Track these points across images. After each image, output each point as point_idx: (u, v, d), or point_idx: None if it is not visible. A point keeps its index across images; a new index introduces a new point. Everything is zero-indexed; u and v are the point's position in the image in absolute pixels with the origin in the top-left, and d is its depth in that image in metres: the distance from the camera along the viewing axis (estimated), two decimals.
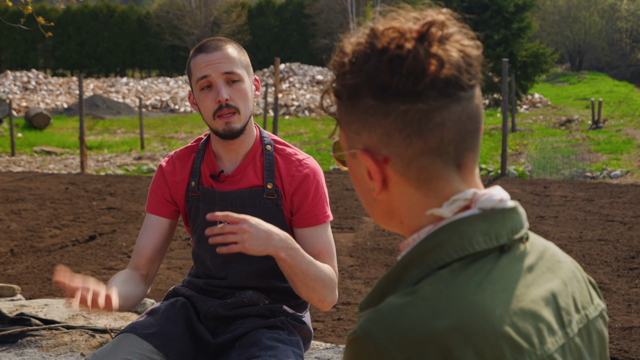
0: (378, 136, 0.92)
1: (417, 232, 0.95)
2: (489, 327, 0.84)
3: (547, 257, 0.97)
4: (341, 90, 0.93)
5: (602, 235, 6.34)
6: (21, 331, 3.58)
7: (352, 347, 0.88)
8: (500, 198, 0.93)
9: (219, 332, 2.02)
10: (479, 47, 0.92)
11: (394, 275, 0.93)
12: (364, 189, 0.98)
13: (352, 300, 4.64)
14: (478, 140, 0.94)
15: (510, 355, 0.85)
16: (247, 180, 2.01)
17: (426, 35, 0.89)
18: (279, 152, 2.04)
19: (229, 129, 1.94)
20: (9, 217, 7.56)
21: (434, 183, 0.92)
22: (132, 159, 13.84)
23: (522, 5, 19.94)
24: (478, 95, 0.93)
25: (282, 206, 2.00)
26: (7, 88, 30.11)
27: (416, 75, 0.87)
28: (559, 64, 42.75)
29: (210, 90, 1.94)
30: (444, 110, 0.89)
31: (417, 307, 0.86)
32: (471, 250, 0.90)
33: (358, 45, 0.92)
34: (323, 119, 22.50)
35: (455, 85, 0.89)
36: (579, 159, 12.07)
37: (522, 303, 0.89)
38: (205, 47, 1.96)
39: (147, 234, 2.07)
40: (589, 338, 0.97)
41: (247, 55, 2.03)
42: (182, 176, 2.08)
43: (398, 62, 0.88)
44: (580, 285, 1.00)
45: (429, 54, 0.88)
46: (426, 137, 0.90)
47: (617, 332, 3.98)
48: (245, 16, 43.00)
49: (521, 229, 0.94)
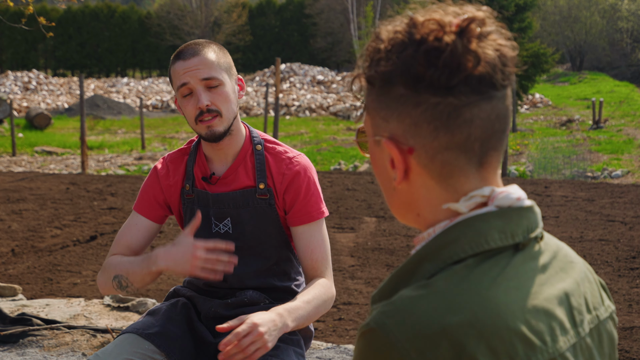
0: (406, 126, 0.91)
1: (432, 227, 0.95)
2: (502, 323, 0.85)
3: (561, 257, 0.98)
4: (374, 77, 0.93)
5: (603, 236, 6.34)
6: (23, 331, 3.58)
7: (364, 340, 0.87)
8: (517, 197, 0.93)
9: (219, 332, 2.02)
10: (514, 49, 0.91)
11: (408, 268, 0.93)
12: (385, 177, 0.98)
13: (353, 301, 4.64)
14: (504, 141, 0.94)
15: (522, 352, 0.85)
16: (239, 181, 2.01)
17: (466, 30, 0.88)
18: (270, 151, 2.03)
19: (211, 133, 1.93)
20: (10, 217, 7.56)
21: (455, 178, 0.92)
22: (133, 159, 13.85)
23: (523, 5, 19.94)
24: (509, 96, 0.93)
25: (275, 205, 2.00)
26: (8, 88, 30.13)
27: (451, 70, 0.87)
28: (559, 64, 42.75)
29: (191, 97, 1.94)
30: (474, 107, 0.89)
31: (430, 300, 0.86)
32: (486, 247, 0.90)
33: (395, 33, 0.91)
34: (324, 118, 22.49)
35: (489, 83, 0.89)
36: (579, 159, 12.07)
37: (536, 301, 0.89)
38: (182, 53, 1.94)
39: (131, 231, 2.07)
40: (600, 339, 0.97)
41: (228, 56, 2.01)
42: (175, 179, 2.08)
43: (435, 55, 0.87)
44: (591, 286, 1.00)
45: (467, 49, 0.87)
46: (453, 131, 0.89)
47: (618, 332, 3.98)
48: (245, 16, 43.00)
49: (536, 228, 0.94)
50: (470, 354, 0.82)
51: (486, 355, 0.83)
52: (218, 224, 2.02)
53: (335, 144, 15.36)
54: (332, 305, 2.02)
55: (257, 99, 26.41)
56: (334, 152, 13.78)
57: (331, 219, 7.23)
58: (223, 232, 2.01)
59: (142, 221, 2.07)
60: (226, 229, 2.01)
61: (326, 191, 8.92)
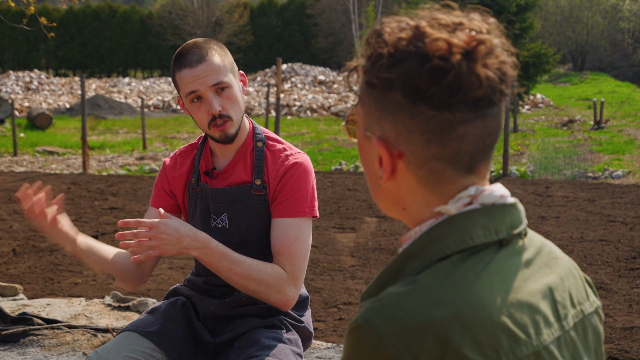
0: (399, 131, 0.93)
1: (419, 226, 0.97)
2: (486, 317, 0.86)
3: (545, 253, 0.99)
4: (374, 81, 0.93)
5: (603, 236, 6.34)
6: (23, 330, 3.59)
7: (353, 336, 0.89)
8: (501, 194, 0.95)
9: (218, 331, 2.03)
10: (515, 67, 0.92)
11: (394, 267, 0.95)
12: (372, 171, 1.00)
13: (353, 300, 4.64)
14: (493, 151, 0.96)
15: (507, 345, 0.87)
16: (236, 176, 2.03)
17: (473, 52, 0.89)
18: (270, 148, 2.04)
19: (225, 135, 1.96)
20: (11, 217, 7.58)
21: (442, 185, 0.94)
22: (134, 159, 13.86)
23: (524, 6, 19.90)
24: (502, 111, 0.94)
25: (269, 202, 2.01)
26: (9, 88, 30.15)
27: (453, 90, 0.88)
28: (561, 65, 42.70)
29: (201, 103, 1.94)
30: (468, 124, 0.90)
31: (416, 296, 0.87)
32: (471, 244, 0.92)
33: (400, 40, 0.91)
34: (325, 119, 22.49)
35: (486, 103, 0.90)
36: (580, 159, 12.06)
37: (520, 295, 0.91)
38: (187, 60, 1.91)
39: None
40: (584, 333, 0.99)
41: (229, 54, 2.00)
42: (181, 171, 2.10)
43: (440, 75, 0.88)
44: (576, 281, 1.02)
45: (472, 72, 0.88)
46: (445, 145, 0.91)
47: (618, 332, 3.99)
48: (247, 16, 42.98)
49: (520, 225, 0.96)
50: (455, 347, 0.84)
51: (471, 348, 0.84)
52: (216, 218, 2.03)
53: (336, 144, 15.36)
54: (289, 306, 1.93)
55: (258, 99, 26.41)
56: (335, 152, 13.78)
57: (332, 219, 7.24)
58: (220, 227, 2.03)
59: (154, 213, 2.09)
60: (223, 224, 2.02)
61: (327, 191, 8.92)
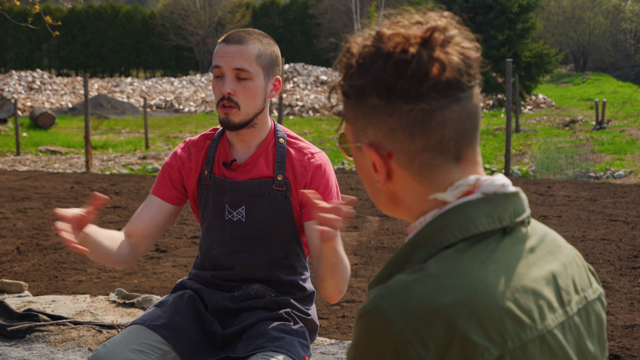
0: (383, 133, 0.97)
1: (423, 216, 1.00)
2: (492, 302, 0.89)
3: (548, 241, 1.02)
4: (349, 90, 0.99)
5: (605, 235, 6.36)
6: (29, 327, 3.62)
7: (362, 321, 0.92)
8: (502, 183, 0.98)
9: (226, 324, 2.05)
10: (478, 49, 0.97)
11: (401, 256, 0.98)
12: (369, 179, 1.04)
13: (356, 299, 4.67)
14: (477, 135, 0.99)
15: (512, 329, 0.89)
16: (257, 170, 2.05)
17: (429, 40, 0.94)
18: (292, 145, 2.07)
19: (225, 120, 1.99)
20: (15, 215, 7.61)
21: (435, 176, 0.98)
22: (137, 159, 13.88)
23: (526, 6, 19.90)
24: (477, 95, 0.98)
25: (291, 198, 2.03)
26: (12, 88, 30.18)
27: (419, 78, 0.93)
28: (563, 65, 42.67)
29: (220, 80, 1.99)
30: (444, 110, 0.94)
31: (424, 283, 0.90)
32: (475, 232, 0.94)
33: (364, 47, 0.97)
34: (327, 119, 22.51)
35: (456, 87, 0.94)
36: (582, 159, 12.07)
37: (524, 281, 0.93)
38: (228, 37, 1.99)
39: (147, 210, 2.09)
40: (588, 319, 1.01)
41: (274, 56, 2.02)
42: (196, 162, 2.11)
43: (403, 66, 0.93)
44: (579, 269, 1.04)
45: (432, 58, 0.93)
46: (428, 134, 0.95)
47: (620, 330, 4.00)
48: (249, 16, 43.01)
49: (523, 213, 0.99)
50: (462, 332, 0.87)
51: (478, 332, 0.87)
52: (232, 211, 2.04)
53: (338, 144, 15.37)
54: (340, 297, 2.02)
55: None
56: (337, 152, 13.80)
57: None
58: (236, 219, 2.04)
59: (154, 200, 2.10)
60: (239, 217, 2.04)
61: None
